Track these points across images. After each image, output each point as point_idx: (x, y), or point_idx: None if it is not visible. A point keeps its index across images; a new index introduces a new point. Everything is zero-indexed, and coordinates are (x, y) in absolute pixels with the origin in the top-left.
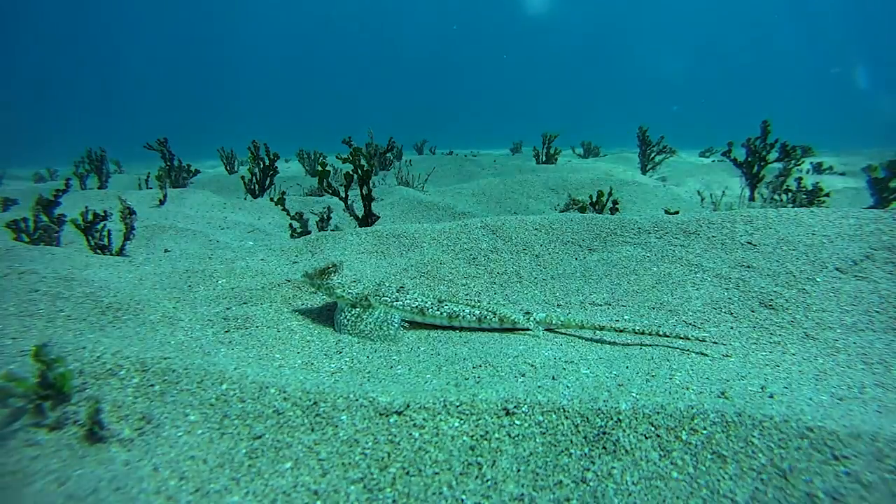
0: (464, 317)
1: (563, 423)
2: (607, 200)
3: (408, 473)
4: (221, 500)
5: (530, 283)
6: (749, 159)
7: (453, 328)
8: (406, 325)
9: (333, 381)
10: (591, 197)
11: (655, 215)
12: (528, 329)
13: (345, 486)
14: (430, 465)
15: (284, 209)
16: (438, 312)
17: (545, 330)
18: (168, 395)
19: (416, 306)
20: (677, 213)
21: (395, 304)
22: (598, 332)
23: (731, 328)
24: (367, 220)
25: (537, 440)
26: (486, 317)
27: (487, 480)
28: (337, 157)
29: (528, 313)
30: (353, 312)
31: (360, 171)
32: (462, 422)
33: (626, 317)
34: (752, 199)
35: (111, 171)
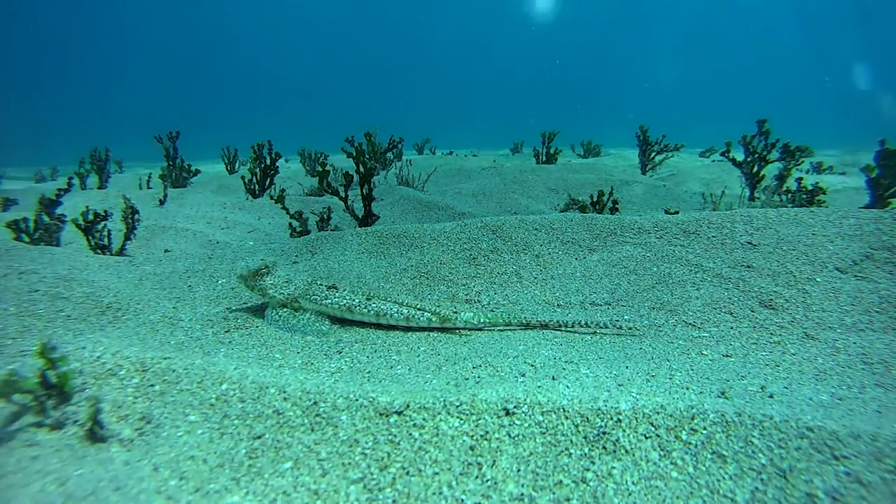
0: (391, 315)
1: (563, 423)
2: (607, 200)
3: (408, 473)
4: (221, 500)
5: (530, 283)
6: (748, 159)
7: (381, 326)
8: (337, 322)
9: (333, 381)
10: (591, 197)
11: (655, 215)
12: (457, 329)
13: (345, 486)
14: (430, 465)
15: (284, 207)
16: (366, 310)
17: (474, 329)
18: (168, 395)
19: (345, 304)
20: (677, 213)
21: (324, 302)
22: (526, 329)
23: (731, 328)
24: (368, 219)
25: (537, 440)
26: (413, 315)
27: (487, 480)
28: (342, 151)
29: (455, 312)
30: (284, 312)
31: (362, 169)
32: (462, 422)
33: (626, 316)
34: (751, 199)
35: (111, 170)
